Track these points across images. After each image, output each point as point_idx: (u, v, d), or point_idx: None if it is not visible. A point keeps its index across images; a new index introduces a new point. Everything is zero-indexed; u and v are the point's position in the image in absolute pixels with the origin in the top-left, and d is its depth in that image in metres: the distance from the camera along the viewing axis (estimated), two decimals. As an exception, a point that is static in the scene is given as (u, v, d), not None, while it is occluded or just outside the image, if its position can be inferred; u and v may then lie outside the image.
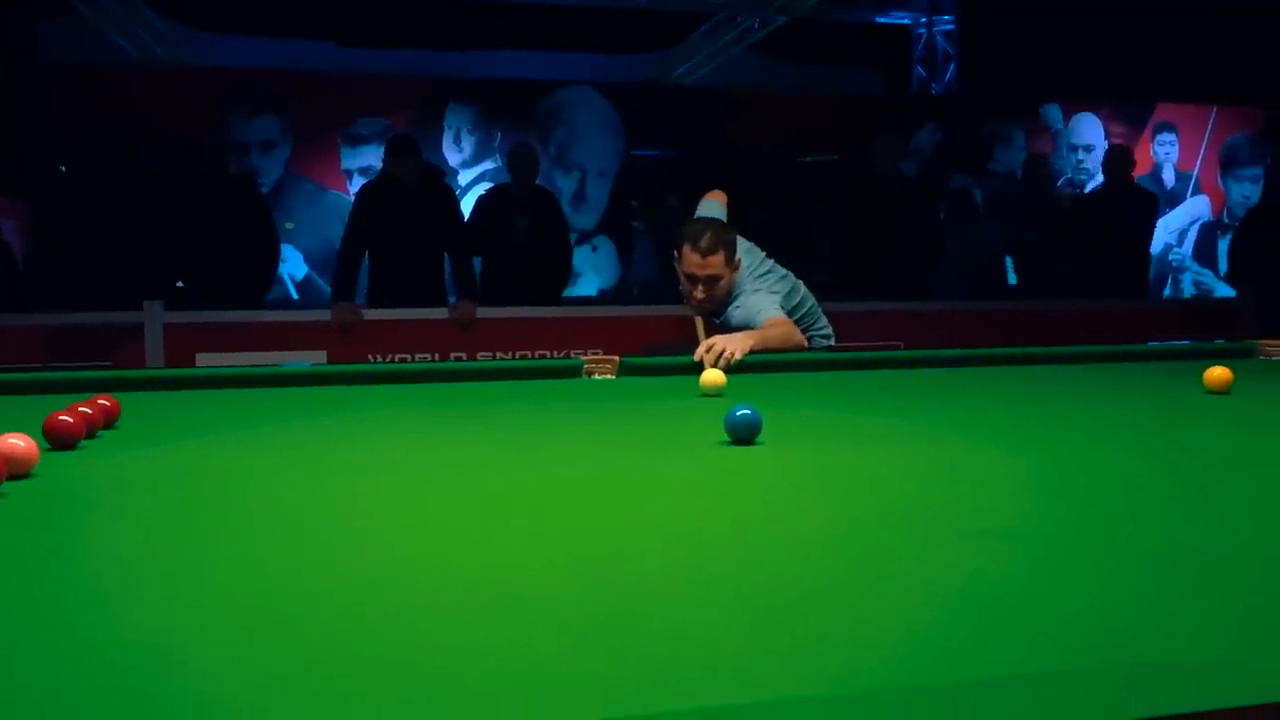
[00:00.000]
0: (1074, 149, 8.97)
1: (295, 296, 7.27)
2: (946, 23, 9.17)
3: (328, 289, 7.54)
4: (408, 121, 7.43)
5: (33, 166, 6.05)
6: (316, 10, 9.09)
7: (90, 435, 1.55)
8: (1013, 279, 8.30)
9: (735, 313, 3.00)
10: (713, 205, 3.48)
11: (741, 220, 3.46)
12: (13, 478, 1.22)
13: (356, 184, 7.36)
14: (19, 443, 1.24)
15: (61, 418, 1.45)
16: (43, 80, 6.84)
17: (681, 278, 3.05)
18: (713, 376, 2.11)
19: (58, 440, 1.45)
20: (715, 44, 9.60)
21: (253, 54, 9.01)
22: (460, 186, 7.53)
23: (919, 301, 5.89)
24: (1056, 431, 1.78)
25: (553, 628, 0.78)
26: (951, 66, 9.18)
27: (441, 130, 7.60)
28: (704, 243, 2.93)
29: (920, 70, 9.33)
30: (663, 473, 1.42)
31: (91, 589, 0.90)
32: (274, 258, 5.78)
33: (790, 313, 3.07)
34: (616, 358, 2.48)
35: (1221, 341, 3.39)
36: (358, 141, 7.42)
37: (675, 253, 3.06)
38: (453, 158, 7.63)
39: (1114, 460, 1.50)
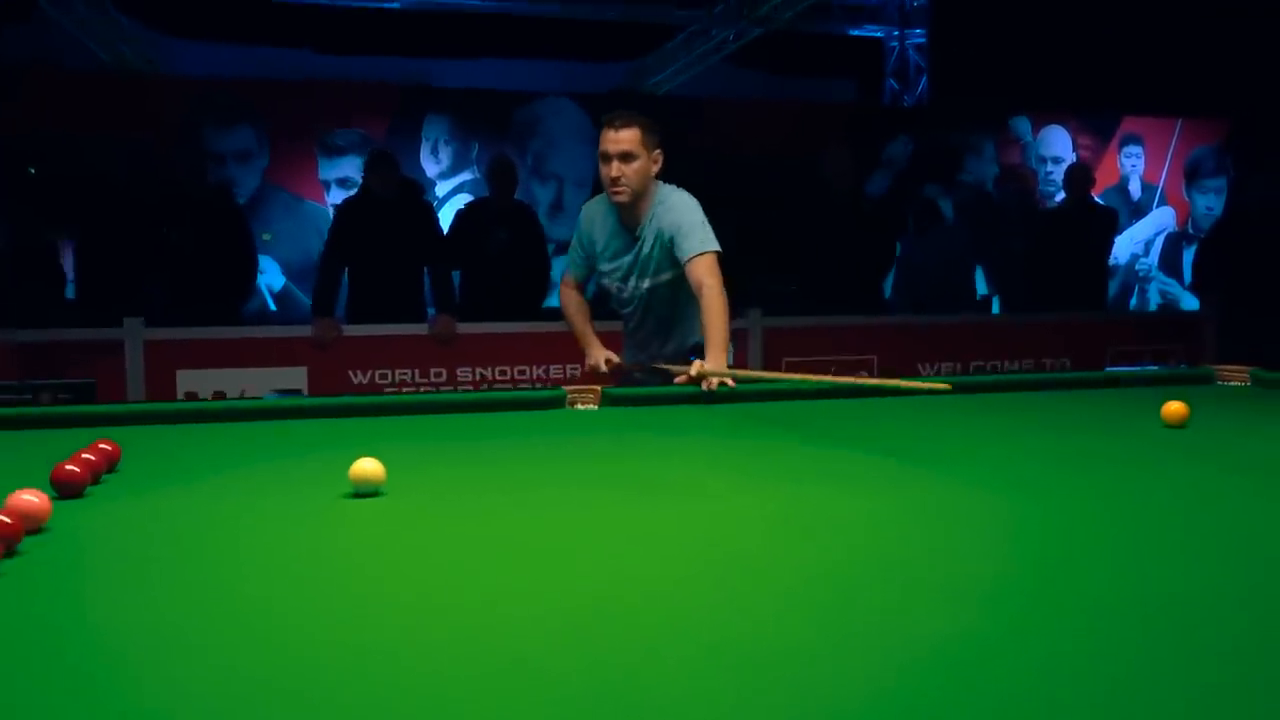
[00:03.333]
0: (1042, 160, 9.13)
1: (273, 308, 7.28)
2: (918, 36, 9.31)
3: (306, 300, 7.56)
4: (385, 132, 7.46)
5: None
6: (290, 17, 9.09)
7: (95, 481, 1.60)
8: (983, 288, 8.43)
9: (667, 215, 2.84)
10: None
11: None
12: (28, 533, 1.27)
13: (334, 195, 7.39)
14: (33, 499, 1.29)
15: (68, 468, 1.50)
16: (9, 82, 6.79)
17: (601, 168, 2.90)
18: (364, 469, 1.61)
19: (66, 490, 1.50)
20: (690, 54, 9.68)
21: (225, 60, 8.99)
22: (438, 197, 7.57)
23: (888, 315, 5.99)
24: (1028, 467, 1.86)
25: (541, 692, 0.85)
26: (923, 79, 9.32)
27: (419, 141, 7.64)
28: (619, 119, 2.84)
29: (893, 83, 9.46)
30: (645, 517, 1.48)
31: (108, 652, 0.96)
32: (252, 270, 5.79)
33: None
34: (599, 388, 2.54)
35: (1184, 367, 3.50)
36: (335, 152, 7.43)
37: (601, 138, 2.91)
38: (430, 168, 7.66)
39: (1083, 502, 1.58)
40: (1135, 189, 9.44)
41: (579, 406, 2.51)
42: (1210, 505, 1.58)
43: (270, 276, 7.27)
